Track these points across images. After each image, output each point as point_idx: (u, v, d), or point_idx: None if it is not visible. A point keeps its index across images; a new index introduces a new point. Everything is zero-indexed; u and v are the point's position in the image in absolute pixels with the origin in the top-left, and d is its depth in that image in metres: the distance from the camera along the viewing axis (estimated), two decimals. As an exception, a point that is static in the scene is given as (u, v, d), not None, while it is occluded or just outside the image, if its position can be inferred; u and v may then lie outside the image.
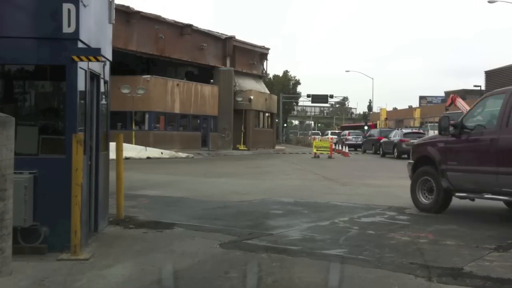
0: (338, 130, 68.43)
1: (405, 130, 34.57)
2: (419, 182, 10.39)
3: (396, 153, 31.67)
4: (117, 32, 24.79)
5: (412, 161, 10.90)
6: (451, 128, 9.73)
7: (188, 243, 7.13)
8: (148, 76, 37.32)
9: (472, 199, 9.77)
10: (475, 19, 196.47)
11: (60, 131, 6.65)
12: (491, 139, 8.89)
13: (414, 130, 36.10)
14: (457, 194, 9.63)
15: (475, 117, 9.80)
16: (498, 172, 8.61)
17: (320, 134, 66.27)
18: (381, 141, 35.13)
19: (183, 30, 40.59)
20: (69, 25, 6.31)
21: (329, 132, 60.20)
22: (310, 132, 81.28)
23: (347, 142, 43.24)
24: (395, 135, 33.27)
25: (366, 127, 56.67)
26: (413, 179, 10.61)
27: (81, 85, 6.58)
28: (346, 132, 52.17)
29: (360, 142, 44.38)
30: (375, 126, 56.58)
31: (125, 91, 31.63)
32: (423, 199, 10.31)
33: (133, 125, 33.14)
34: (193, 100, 40.19)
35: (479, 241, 7.34)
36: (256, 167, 24.32)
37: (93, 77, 7.21)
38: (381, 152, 34.59)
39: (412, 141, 15.71)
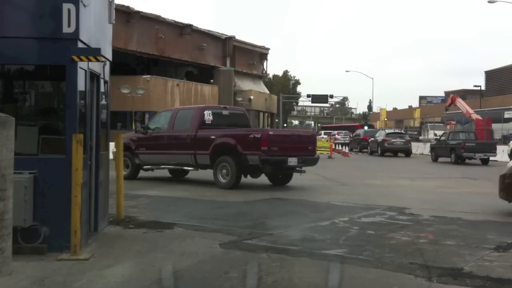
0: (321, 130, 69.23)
1: (388, 131, 38.49)
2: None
3: (379, 151, 34.84)
4: (117, 32, 24.81)
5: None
6: (142, 129, 15.96)
7: (188, 243, 7.13)
8: (148, 76, 37.34)
9: (153, 170, 15.89)
10: (475, 19, 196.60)
11: (60, 131, 6.65)
12: (164, 135, 15.22)
13: (396, 131, 40.76)
14: (144, 167, 15.77)
15: (155, 122, 15.98)
16: (167, 153, 14.88)
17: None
18: (369, 140, 38.27)
19: (183, 30, 40.63)
20: (69, 25, 6.31)
21: (322, 132, 60.47)
22: None
23: (336, 141, 44.00)
24: (379, 135, 36.50)
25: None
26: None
27: (81, 85, 6.57)
28: (335, 132, 55.25)
29: (348, 141, 46.85)
30: (362, 126, 58.39)
31: (125, 91, 31.65)
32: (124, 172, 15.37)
33: (133, 125, 33.12)
34: (193, 100, 40.20)
35: (479, 241, 7.35)
36: (256, 167, 24.23)
37: (93, 77, 7.20)
38: (369, 151, 37.59)
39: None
